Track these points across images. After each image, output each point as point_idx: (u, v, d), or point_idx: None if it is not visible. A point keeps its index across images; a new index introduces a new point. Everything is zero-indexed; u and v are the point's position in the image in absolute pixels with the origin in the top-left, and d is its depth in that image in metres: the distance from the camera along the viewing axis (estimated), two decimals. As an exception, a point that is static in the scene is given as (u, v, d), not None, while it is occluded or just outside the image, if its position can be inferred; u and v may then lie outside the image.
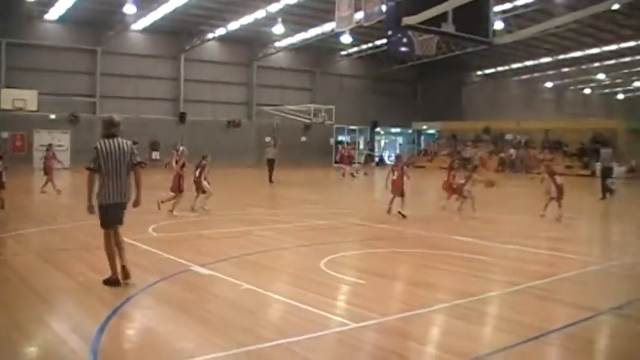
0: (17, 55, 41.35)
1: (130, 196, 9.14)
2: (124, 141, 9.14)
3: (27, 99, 38.26)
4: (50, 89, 40.75)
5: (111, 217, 9.06)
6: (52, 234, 13.92)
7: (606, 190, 25.11)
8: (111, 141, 8.99)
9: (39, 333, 6.98)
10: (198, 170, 18.69)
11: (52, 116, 42.56)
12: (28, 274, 9.63)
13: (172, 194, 18.01)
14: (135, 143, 9.79)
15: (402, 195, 17.95)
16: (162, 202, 17.78)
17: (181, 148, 19.94)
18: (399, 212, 17.75)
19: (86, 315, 7.54)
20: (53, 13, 41.18)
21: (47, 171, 25.54)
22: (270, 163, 31.96)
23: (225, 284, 9.24)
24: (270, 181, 31.27)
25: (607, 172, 26.29)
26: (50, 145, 27.93)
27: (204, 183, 18.55)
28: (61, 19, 42.37)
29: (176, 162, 18.71)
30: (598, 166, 43.28)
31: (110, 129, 9.15)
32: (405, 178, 18.07)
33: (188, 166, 18.34)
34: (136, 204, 9.33)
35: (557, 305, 8.51)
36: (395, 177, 18.15)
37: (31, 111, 38.79)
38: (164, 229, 14.68)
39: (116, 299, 8.06)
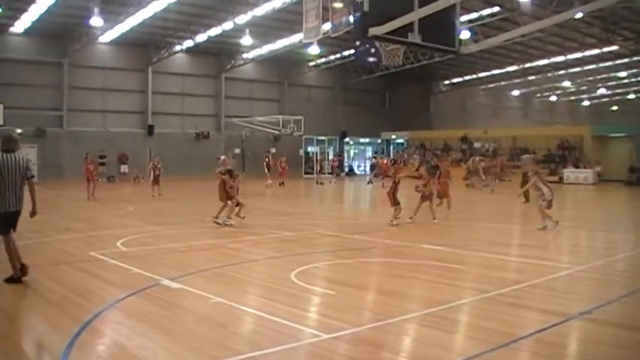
0: (-19, 68, 40.90)
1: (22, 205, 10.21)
2: (20, 156, 10.15)
3: (-8, 113, 37.79)
4: (16, 103, 40.35)
5: (8, 223, 9.98)
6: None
7: (525, 195, 25.41)
8: (9, 155, 9.93)
9: (6, 351, 6.86)
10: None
11: (19, 131, 41.93)
12: (-5, 292, 9.49)
13: (222, 204, 18.43)
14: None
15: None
16: (215, 218, 18.08)
17: (222, 157, 20.21)
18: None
19: (54, 331, 7.43)
20: (19, 26, 40.83)
21: (89, 177, 27.53)
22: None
23: (195, 298, 9.17)
24: None
25: (526, 177, 26.34)
26: (87, 154, 29.49)
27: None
28: (27, 32, 42.00)
29: (220, 172, 18.82)
30: (565, 172, 44.12)
31: (8, 145, 10.07)
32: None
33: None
34: (32, 214, 10.51)
35: (527, 311, 8.55)
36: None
37: (-3, 125, 38.32)
38: (133, 243, 14.55)
39: (85, 315, 7.96)
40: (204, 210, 21.01)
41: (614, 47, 45.60)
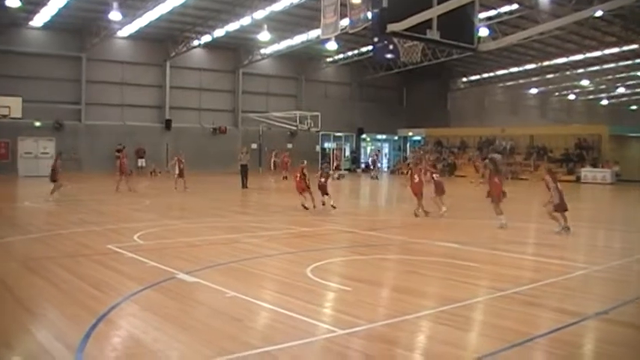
0: (2, 62, 41.17)
1: None
2: None
3: (11, 106, 38.00)
4: (35, 96, 40.57)
5: None
6: (36, 242, 13.83)
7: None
8: None
9: (23, 342, 6.92)
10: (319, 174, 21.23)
11: (37, 123, 42.35)
12: (12, 283, 9.56)
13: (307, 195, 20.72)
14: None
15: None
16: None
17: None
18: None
19: (70, 323, 7.49)
20: (38, 20, 41.03)
21: (122, 170, 28.63)
22: (244, 169, 32.31)
23: (211, 292, 9.20)
24: (245, 186, 31.70)
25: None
26: (124, 148, 31.99)
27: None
28: (46, 26, 42.21)
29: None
30: (582, 172, 43.85)
31: None
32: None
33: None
34: None
35: (542, 310, 8.51)
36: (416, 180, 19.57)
37: (16, 118, 38.53)
38: (149, 236, 14.62)
39: (101, 307, 8.01)
40: (221, 205, 21.10)
41: (634, 46, 45.28)
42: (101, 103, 45.73)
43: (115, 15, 34.70)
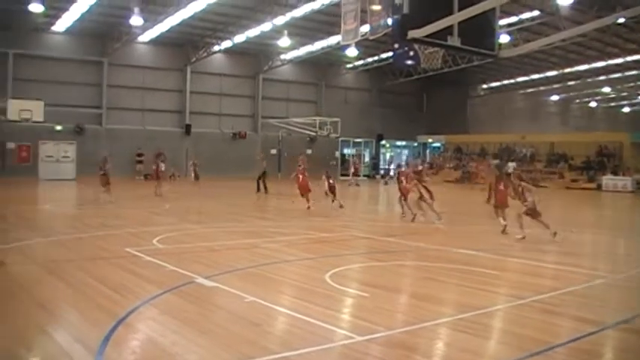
0: (24, 66, 41.63)
1: None
2: None
3: (33, 110, 38.28)
4: (56, 100, 40.89)
5: None
6: (56, 245, 13.93)
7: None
8: None
9: (42, 344, 6.97)
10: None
11: (58, 127, 42.70)
12: (32, 285, 9.64)
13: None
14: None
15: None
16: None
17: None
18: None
19: (90, 326, 7.53)
20: (60, 25, 41.39)
21: (158, 175, 29.83)
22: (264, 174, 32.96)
23: (229, 296, 9.23)
24: (266, 191, 32.15)
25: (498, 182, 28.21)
26: (162, 154, 33.12)
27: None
28: (68, 31, 42.60)
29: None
30: (603, 180, 43.52)
31: None
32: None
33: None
34: None
35: (562, 319, 8.46)
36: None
37: (37, 122, 38.82)
38: (168, 240, 14.67)
39: (121, 310, 8.05)
40: (239, 210, 21.16)
41: (657, 53, 44.97)
42: (122, 108, 46.06)
43: (136, 20, 34.93)
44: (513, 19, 36.10)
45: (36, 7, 31.71)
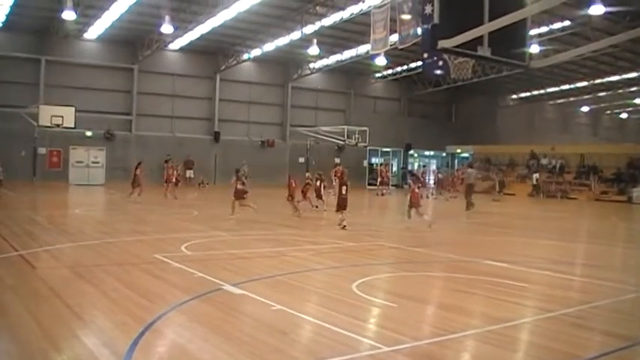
0: (56, 72, 42.24)
1: None
2: None
3: (64, 116, 38.77)
4: (88, 106, 41.31)
5: None
6: (86, 249, 14.05)
7: (470, 204, 29.24)
8: None
9: (71, 347, 7.03)
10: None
11: (89, 133, 43.16)
12: (62, 289, 9.72)
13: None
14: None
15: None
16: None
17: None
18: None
19: (118, 330, 7.58)
20: (92, 32, 41.88)
21: (168, 179, 31.24)
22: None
23: (257, 304, 9.24)
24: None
25: (470, 188, 31.02)
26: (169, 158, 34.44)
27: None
28: (99, 38, 43.14)
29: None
30: (634, 192, 42.97)
31: None
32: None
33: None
34: None
35: (592, 333, 8.36)
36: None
37: (68, 128, 39.30)
38: (197, 247, 14.73)
39: (148, 316, 8.10)
40: (267, 218, 21.21)
41: (689, 65, 44.41)
42: (152, 115, 46.46)
43: (167, 28, 35.22)
44: (544, 29, 35.86)
45: (68, 15, 32.11)
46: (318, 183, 25.94)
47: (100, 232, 17.48)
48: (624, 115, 76.52)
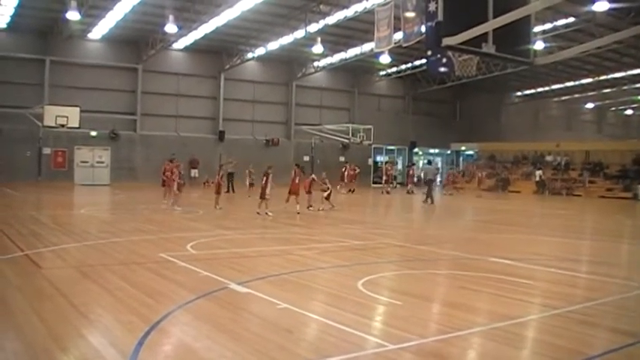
0: (60, 72, 42.31)
1: None
2: None
3: (69, 116, 38.82)
4: (92, 106, 41.34)
5: None
6: (91, 249, 14.06)
7: (430, 197, 32.49)
8: None
9: (77, 346, 7.03)
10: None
11: (93, 133, 43.22)
12: (68, 288, 9.72)
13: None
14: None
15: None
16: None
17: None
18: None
19: (124, 330, 7.58)
20: (96, 33, 41.98)
21: (166, 182, 27.74)
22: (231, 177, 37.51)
23: (262, 303, 9.24)
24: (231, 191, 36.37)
25: (430, 183, 34.54)
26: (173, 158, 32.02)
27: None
28: (104, 38, 43.26)
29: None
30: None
31: None
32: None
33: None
34: None
35: (598, 330, 8.34)
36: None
37: (73, 128, 39.36)
38: (202, 246, 14.74)
39: (154, 315, 8.10)
40: (272, 216, 21.22)
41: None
42: (156, 114, 46.50)
43: (171, 27, 35.25)
44: (548, 26, 35.79)
45: (72, 15, 32.16)
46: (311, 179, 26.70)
47: (105, 231, 17.50)
48: (629, 112, 76.30)
